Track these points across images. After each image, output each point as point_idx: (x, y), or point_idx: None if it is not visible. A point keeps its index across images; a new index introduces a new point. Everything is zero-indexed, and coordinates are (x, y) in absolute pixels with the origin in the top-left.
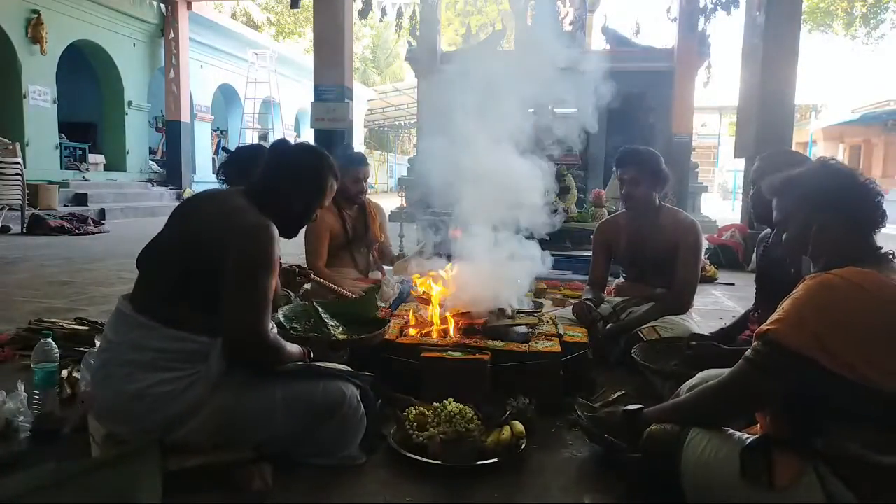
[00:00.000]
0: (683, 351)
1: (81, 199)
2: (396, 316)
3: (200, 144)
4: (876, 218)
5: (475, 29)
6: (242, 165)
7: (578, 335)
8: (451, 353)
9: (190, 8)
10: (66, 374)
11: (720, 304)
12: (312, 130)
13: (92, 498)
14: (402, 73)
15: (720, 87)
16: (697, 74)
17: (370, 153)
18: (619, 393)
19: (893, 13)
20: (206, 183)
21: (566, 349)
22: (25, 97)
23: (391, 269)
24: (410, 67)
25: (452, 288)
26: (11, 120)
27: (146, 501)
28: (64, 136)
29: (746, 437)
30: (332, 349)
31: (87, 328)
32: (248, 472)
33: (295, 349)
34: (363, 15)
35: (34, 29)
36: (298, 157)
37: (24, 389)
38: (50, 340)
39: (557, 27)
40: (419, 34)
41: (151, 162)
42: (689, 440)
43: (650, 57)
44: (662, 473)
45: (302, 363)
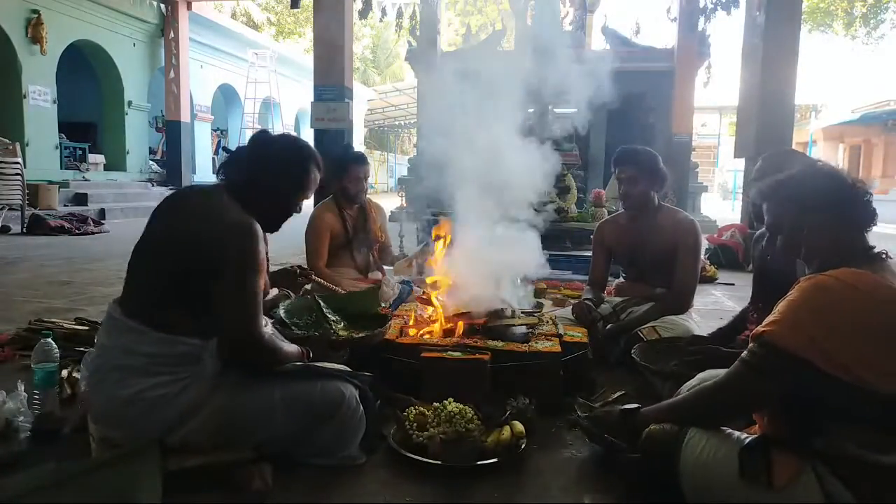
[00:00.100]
0: (683, 351)
1: (81, 199)
2: (396, 316)
3: (200, 144)
4: (866, 217)
5: (475, 29)
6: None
7: (578, 335)
8: (451, 353)
9: (190, 8)
10: (66, 374)
11: (720, 304)
12: (312, 130)
13: (92, 498)
14: (402, 73)
15: (720, 87)
16: (697, 74)
17: (370, 153)
18: (619, 393)
19: (893, 13)
20: (206, 183)
21: (566, 349)
22: (25, 97)
23: (391, 269)
24: (410, 67)
25: (452, 288)
26: (11, 120)
27: (146, 501)
28: (64, 136)
29: (745, 436)
30: (331, 349)
31: (87, 328)
32: (248, 472)
33: (292, 349)
34: (363, 15)
35: (34, 29)
36: (280, 148)
37: (24, 389)
38: (50, 340)
39: (557, 27)
40: (419, 34)
41: (151, 162)
42: (687, 440)
43: (650, 57)
44: (661, 473)
45: (300, 363)
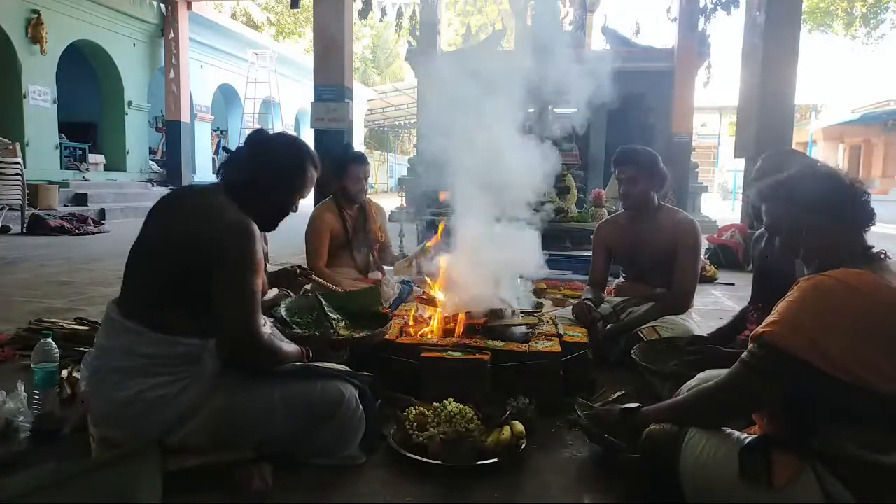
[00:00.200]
0: (683, 351)
1: (81, 199)
2: (396, 316)
3: (200, 144)
4: (864, 217)
5: (475, 29)
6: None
7: (578, 335)
8: (451, 353)
9: (190, 8)
10: (66, 374)
11: (720, 304)
12: (312, 130)
13: (92, 498)
14: (402, 73)
15: (720, 87)
16: (697, 74)
17: (370, 153)
18: (618, 393)
19: (893, 13)
20: (203, 182)
21: (566, 349)
22: (25, 97)
23: (391, 269)
24: (410, 67)
25: (453, 287)
26: (11, 120)
27: (146, 501)
28: (64, 136)
29: (745, 436)
30: (331, 348)
31: (86, 328)
32: (248, 472)
33: (292, 349)
34: (363, 15)
35: (34, 29)
36: (277, 147)
37: (24, 389)
38: (50, 340)
39: (557, 27)
40: (419, 34)
41: (151, 162)
42: (687, 440)
43: (650, 57)
44: (661, 473)
45: (300, 363)
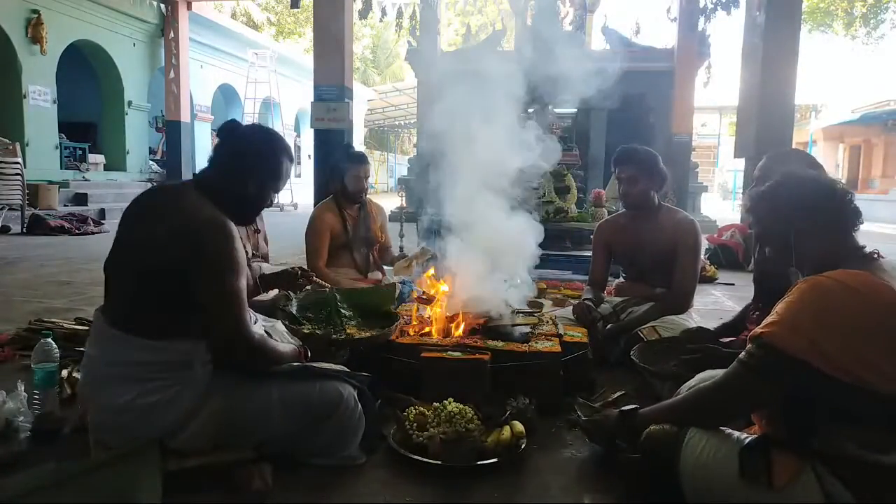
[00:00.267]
0: (682, 350)
1: (81, 199)
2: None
3: (200, 144)
4: (850, 217)
5: (475, 29)
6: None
7: (578, 335)
8: (451, 353)
9: (190, 8)
10: (66, 374)
11: (720, 304)
12: (313, 130)
13: (92, 498)
14: (402, 73)
15: (720, 87)
16: (697, 74)
17: (370, 153)
18: (618, 393)
19: (893, 13)
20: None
21: (566, 349)
22: (25, 97)
23: (391, 269)
24: (410, 67)
25: (453, 287)
26: (11, 120)
27: (146, 501)
28: (64, 136)
29: (745, 436)
30: (332, 348)
31: (86, 328)
32: (248, 472)
33: (287, 349)
34: (363, 15)
35: (34, 29)
36: (250, 138)
37: (24, 389)
38: (50, 340)
39: (557, 27)
40: (419, 34)
41: (151, 162)
42: (687, 440)
43: (650, 57)
44: (661, 473)
45: (298, 364)
